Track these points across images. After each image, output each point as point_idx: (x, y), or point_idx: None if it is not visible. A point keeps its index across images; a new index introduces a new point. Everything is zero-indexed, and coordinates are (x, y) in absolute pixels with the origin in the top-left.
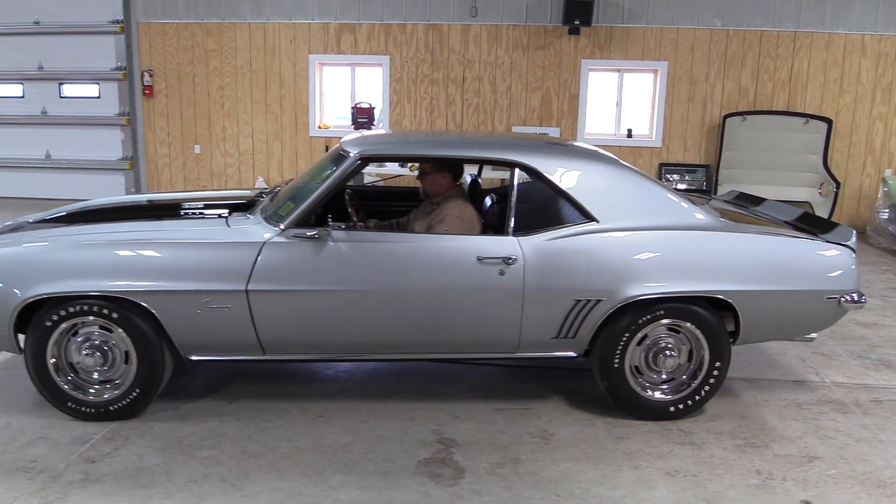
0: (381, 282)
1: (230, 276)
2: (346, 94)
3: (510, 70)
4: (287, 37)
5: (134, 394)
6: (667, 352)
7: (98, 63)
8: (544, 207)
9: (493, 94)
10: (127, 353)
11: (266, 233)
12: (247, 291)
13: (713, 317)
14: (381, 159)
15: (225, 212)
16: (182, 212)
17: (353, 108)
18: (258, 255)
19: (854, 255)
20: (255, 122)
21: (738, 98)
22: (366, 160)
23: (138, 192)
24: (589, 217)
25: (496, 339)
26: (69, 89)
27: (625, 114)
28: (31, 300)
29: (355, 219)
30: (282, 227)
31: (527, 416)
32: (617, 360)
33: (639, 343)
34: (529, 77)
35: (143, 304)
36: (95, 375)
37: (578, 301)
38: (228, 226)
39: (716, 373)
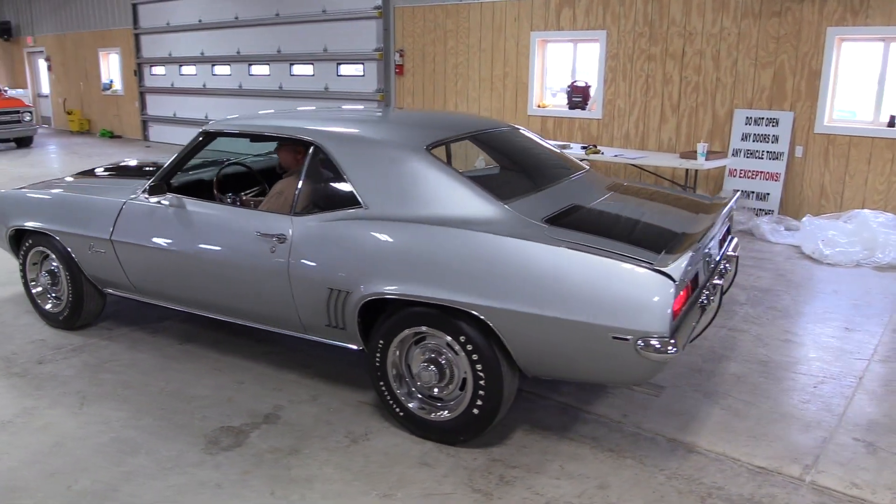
0: (184, 245)
1: (102, 227)
2: (565, 72)
3: (737, 42)
4: (512, 14)
5: (66, 312)
6: (426, 363)
7: (363, 45)
8: (329, 189)
9: (715, 70)
10: (64, 277)
11: (131, 196)
12: (111, 240)
13: (478, 334)
14: (218, 135)
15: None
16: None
17: (569, 86)
18: (119, 213)
19: (672, 285)
20: (481, 100)
21: None
22: (207, 135)
23: None
24: (357, 202)
25: (279, 316)
26: (344, 69)
27: (890, 96)
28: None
29: (216, 191)
30: (138, 192)
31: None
32: (378, 362)
33: (405, 348)
34: (760, 50)
35: (62, 241)
36: (53, 295)
37: (332, 290)
38: (125, 189)
39: (480, 401)
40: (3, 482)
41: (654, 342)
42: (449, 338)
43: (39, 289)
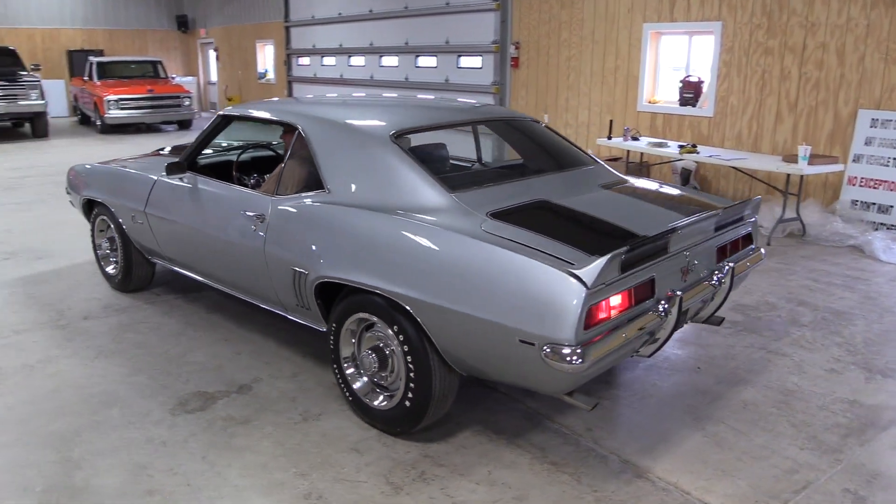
0: (193, 219)
1: (139, 200)
2: (678, 66)
3: (865, 35)
4: (625, 5)
5: (120, 275)
6: (369, 351)
7: (482, 37)
8: (304, 172)
9: (839, 66)
10: (118, 244)
11: (161, 174)
12: (145, 212)
13: (410, 325)
14: (233, 119)
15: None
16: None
17: (681, 81)
18: (152, 188)
19: (584, 290)
20: (592, 94)
21: None
22: (224, 118)
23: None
24: (322, 186)
25: (262, 292)
26: (464, 61)
27: None
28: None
29: (234, 172)
30: (164, 172)
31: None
32: (332, 344)
33: (357, 333)
34: (891, 44)
35: (115, 211)
36: (113, 259)
37: (295, 271)
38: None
39: (411, 393)
40: (15, 398)
41: (559, 350)
42: (390, 328)
43: (102, 253)
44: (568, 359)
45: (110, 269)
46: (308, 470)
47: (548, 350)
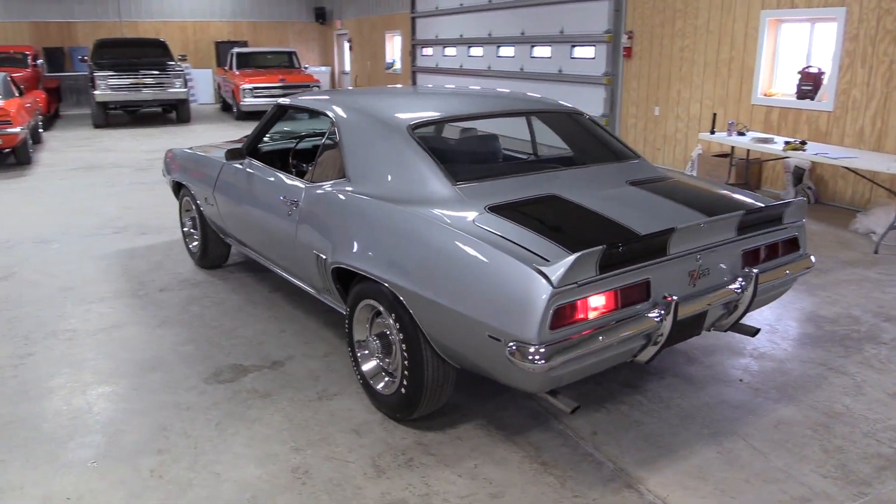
0: (247, 202)
1: (210, 182)
2: (798, 56)
3: None
4: None
5: (199, 252)
6: (375, 336)
7: (595, 27)
8: (334, 160)
9: None
10: (198, 222)
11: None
12: (213, 194)
13: (406, 313)
14: (287, 108)
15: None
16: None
17: (800, 72)
18: (219, 172)
19: (549, 289)
20: (704, 87)
21: None
22: (279, 107)
23: None
24: (344, 174)
25: (299, 275)
26: (577, 51)
27: None
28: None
29: (290, 159)
30: (226, 157)
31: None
32: (347, 328)
33: (370, 319)
34: None
35: (194, 192)
36: (195, 237)
37: (317, 255)
38: None
39: (406, 381)
40: (59, 368)
41: (522, 349)
42: (390, 316)
43: (187, 231)
44: (530, 358)
45: (192, 247)
46: (305, 446)
47: (512, 347)
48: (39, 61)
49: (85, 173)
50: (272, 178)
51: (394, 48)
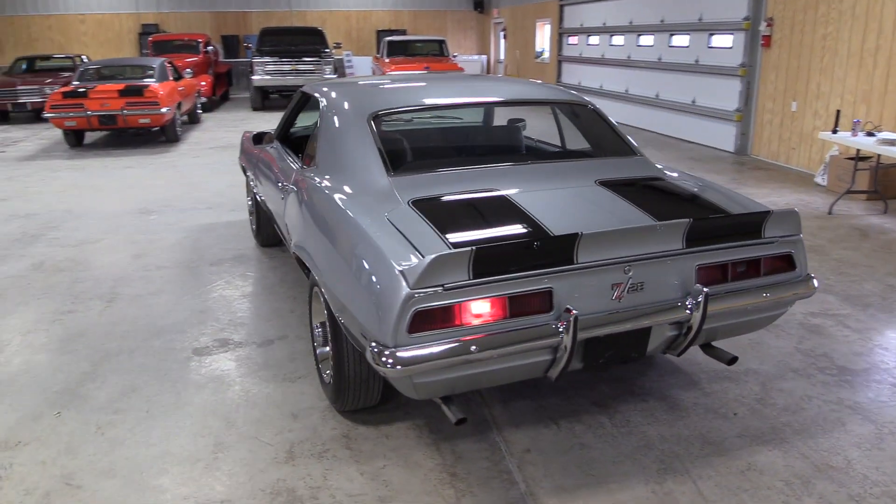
0: (267, 183)
1: (253, 164)
2: None
3: None
4: None
5: (256, 230)
6: (319, 325)
7: (734, 13)
8: (313, 146)
9: None
10: (253, 202)
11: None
12: (255, 174)
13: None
14: (308, 96)
15: None
16: None
17: None
18: (259, 155)
19: (404, 291)
20: (846, 80)
21: None
22: (303, 95)
23: (743, 147)
24: (314, 160)
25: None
26: (715, 40)
27: None
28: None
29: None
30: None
31: None
32: (309, 311)
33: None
34: None
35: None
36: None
37: (288, 238)
38: None
39: (331, 371)
40: (107, 318)
41: (377, 351)
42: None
43: (250, 209)
44: (383, 361)
45: (253, 225)
46: (240, 424)
47: (373, 348)
48: (210, 48)
49: (219, 152)
50: (280, 162)
51: (544, 37)
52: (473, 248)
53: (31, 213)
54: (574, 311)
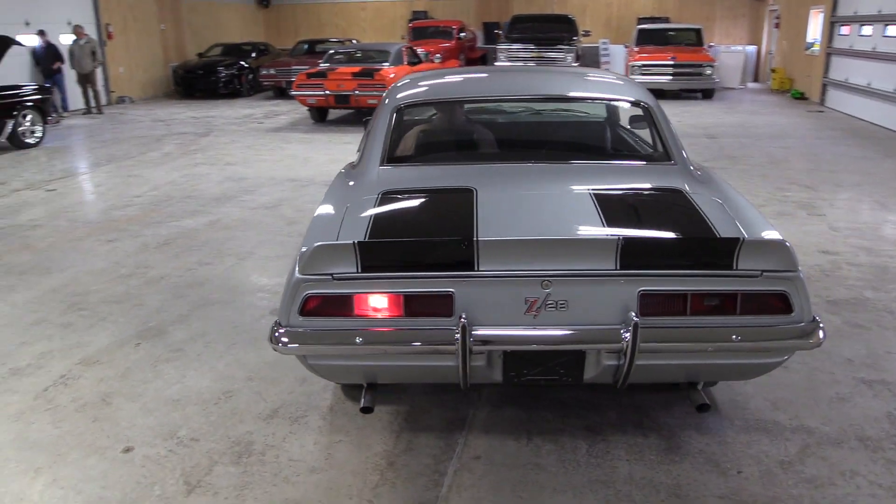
0: None
1: None
2: None
3: None
4: None
5: None
6: None
7: None
8: None
9: None
10: None
11: None
12: None
13: None
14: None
15: None
16: None
17: None
18: None
19: (296, 276)
20: None
21: None
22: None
23: None
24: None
25: None
26: None
27: None
28: None
29: None
30: None
31: None
32: None
33: None
34: None
35: None
36: None
37: None
38: None
39: None
40: (230, 273)
41: (273, 328)
42: None
43: None
44: (274, 337)
45: None
46: (255, 380)
47: (274, 326)
48: (463, 34)
49: None
50: None
51: (816, 26)
52: (355, 241)
53: (242, 178)
54: (463, 319)
